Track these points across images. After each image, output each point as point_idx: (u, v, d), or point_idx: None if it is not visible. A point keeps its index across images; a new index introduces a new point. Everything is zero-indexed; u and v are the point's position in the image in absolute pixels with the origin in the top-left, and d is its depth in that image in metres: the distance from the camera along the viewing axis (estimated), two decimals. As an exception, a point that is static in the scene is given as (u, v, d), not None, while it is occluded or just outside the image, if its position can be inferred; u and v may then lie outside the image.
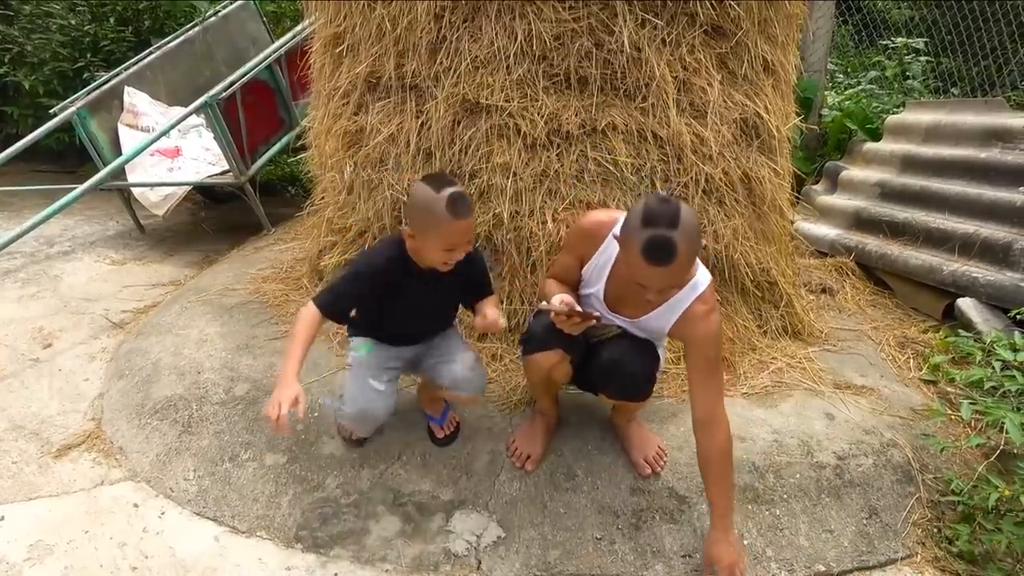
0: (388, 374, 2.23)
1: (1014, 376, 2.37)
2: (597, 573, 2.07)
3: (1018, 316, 2.86)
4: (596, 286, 2.04)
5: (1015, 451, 2.32)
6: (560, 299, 1.90)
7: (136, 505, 2.35)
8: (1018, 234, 3.25)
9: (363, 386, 2.18)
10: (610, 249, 1.98)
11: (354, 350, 2.26)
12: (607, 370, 2.08)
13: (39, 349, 3.32)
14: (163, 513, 2.31)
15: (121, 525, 2.26)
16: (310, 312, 2.01)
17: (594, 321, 1.92)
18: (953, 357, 2.98)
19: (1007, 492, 2.04)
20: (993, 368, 2.48)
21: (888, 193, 4.11)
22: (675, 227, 1.66)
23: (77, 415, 2.84)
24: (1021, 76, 5.17)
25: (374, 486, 2.29)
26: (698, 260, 1.94)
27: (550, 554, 2.10)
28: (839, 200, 4.41)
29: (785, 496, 2.24)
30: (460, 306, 2.37)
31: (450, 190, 1.87)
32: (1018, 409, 2.23)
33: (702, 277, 1.95)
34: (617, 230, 1.88)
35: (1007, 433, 2.14)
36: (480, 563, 2.10)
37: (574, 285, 2.13)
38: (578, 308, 1.90)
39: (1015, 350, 2.49)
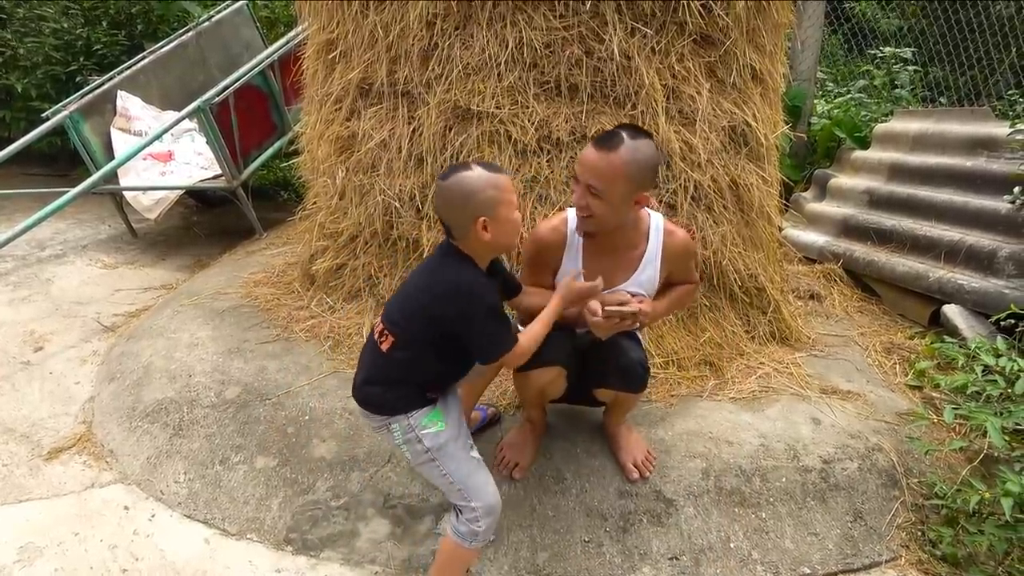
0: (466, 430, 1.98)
1: (996, 381, 2.41)
2: None
3: (1001, 322, 2.89)
4: None
5: (997, 455, 2.35)
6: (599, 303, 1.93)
7: (127, 507, 2.35)
8: (1003, 242, 3.30)
9: (475, 466, 1.88)
10: (575, 243, 2.04)
11: (427, 428, 1.83)
12: (605, 364, 2.10)
13: (30, 352, 3.32)
14: (153, 515, 2.32)
15: (111, 527, 2.26)
16: (515, 351, 1.83)
17: (636, 307, 1.92)
18: (938, 363, 3.02)
19: (988, 495, 2.07)
20: (976, 373, 2.52)
21: (876, 201, 4.15)
22: (630, 131, 1.83)
23: (68, 418, 2.84)
24: (1007, 85, 5.23)
25: (364, 489, 2.30)
26: (649, 209, 2.11)
27: (538, 556, 2.12)
28: (827, 207, 4.46)
29: (771, 499, 2.26)
30: None
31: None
32: (999, 414, 2.26)
33: (656, 216, 2.11)
34: (571, 216, 2.05)
35: (989, 437, 2.18)
36: (469, 566, 2.11)
37: None
38: (629, 306, 1.91)
39: (997, 356, 2.52)
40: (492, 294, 1.80)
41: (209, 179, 4.71)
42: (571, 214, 2.05)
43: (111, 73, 5.09)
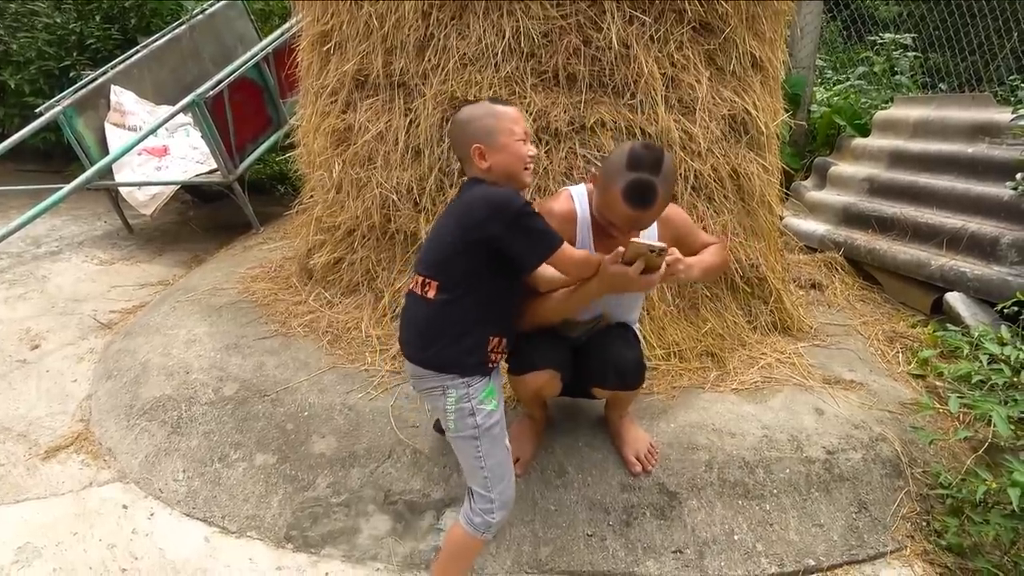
0: None
1: (1001, 369, 2.39)
2: (588, 570, 2.07)
3: (1005, 310, 2.87)
4: None
5: (1002, 444, 2.33)
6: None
7: (125, 506, 2.33)
8: (1005, 228, 3.27)
9: (506, 455, 1.86)
10: (586, 223, 1.99)
11: (483, 404, 1.80)
12: (600, 362, 2.08)
13: (27, 350, 3.29)
14: (152, 514, 2.30)
15: (110, 527, 2.24)
16: (565, 253, 1.74)
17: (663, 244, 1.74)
18: (941, 351, 3.00)
19: (994, 485, 2.05)
20: (980, 362, 2.50)
21: (877, 188, 4.12)
22: (658, 172, 1.73)
23: (65, 416, 2.82)
24: (1008, 71, 5.20)
25: (364, 485, 2.28)
26: None
27: (541, 551, 2.10)
28: (828, 196, 4.43)
29: (775, 491, 2.24)
30: None
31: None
32: (1005, 402, 2.25)
33: None
34: (578, 192, 2.01)
35: (994, 426, 2.16)
36: (471, 561, 2.10)
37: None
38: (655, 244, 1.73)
39: (1002, 344, 2.50)
40: (521, 199, 1.73)
41: (205, 174, 4.68)
42: (575, 192, 2.01)
43: (104, 68, 5.05)
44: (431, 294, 1.76)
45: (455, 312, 1.76)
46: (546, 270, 1.86)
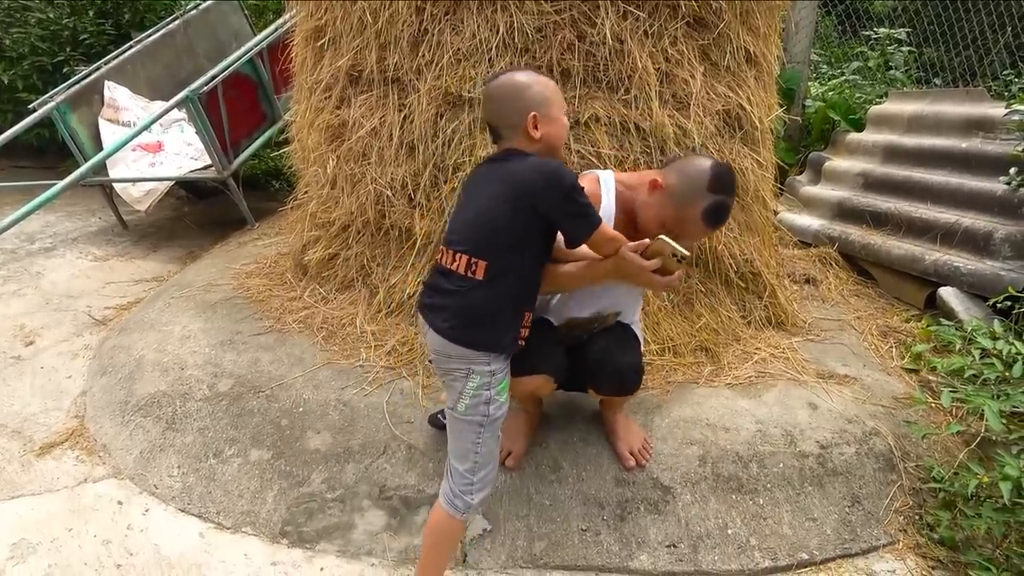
0: None
1: (993, 364, 2.39)
2: (582, 564, 2.08)
3: (998, 304, 2.88)
4: None
5: (994, 438, 2.34)
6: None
7: (120, 502, 2.33)
8: (999, 223, 3.28)
9: (497, 444, 1.86)
10: (610, 211, 1.96)
11: (499, 395, 1.79)
12: (596, 368, 2.10)
13: (21, 347, 3.29)
14: (147, 510, 2.30)
15: (105, 523, 2.24)
16: (603, 230, 1.76)
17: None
18: (935, 346, 3.01)
19: (986, 479, 2.06)
20: (973, 356, 2.51)
21: (871, 183, 4.13)
22: (734, 195, 1.84)
23: (60, 413, 2.82)
24: (1002, 66, 5.20)
25: (359, 480, 2.29)
26: None
27: (535, 546, 2.11)
28: (822, 191, 4.44)
29: (769, 485, 2.25)
30: None
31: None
32: (997, 397, 2.25)
33: None
34: (605, 178, 1.99)
35: (986, 420, 2.17)
36: (466, 556, 2.10)
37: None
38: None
39: (994, 338, 2.51)
40: (570, 171, 1.75)
41: (199, 170, 4.67)
42: (602, 177, 1.99)
43: (98, 63, 5.03)
44: (479, 275, 1.70)
45: (502, 291, 1.73)
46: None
